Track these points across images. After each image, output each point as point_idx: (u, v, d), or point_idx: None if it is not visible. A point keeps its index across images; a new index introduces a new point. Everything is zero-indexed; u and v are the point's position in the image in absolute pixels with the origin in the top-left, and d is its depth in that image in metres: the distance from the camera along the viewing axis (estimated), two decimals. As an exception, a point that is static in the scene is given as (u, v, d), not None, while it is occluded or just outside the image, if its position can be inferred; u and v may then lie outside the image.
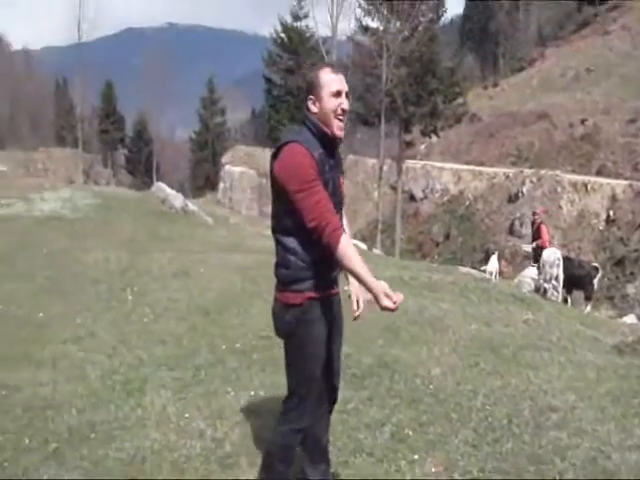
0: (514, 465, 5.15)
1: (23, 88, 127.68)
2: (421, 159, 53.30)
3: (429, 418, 5.93)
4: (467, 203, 43.35)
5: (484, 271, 22.20)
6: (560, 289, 15.71)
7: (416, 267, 15.31)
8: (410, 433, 5.62)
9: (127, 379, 6.65)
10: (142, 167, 67.13)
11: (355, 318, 4.33)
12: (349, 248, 3.79)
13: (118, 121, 69.94)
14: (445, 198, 45.38)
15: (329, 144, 4.04)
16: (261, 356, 7.39)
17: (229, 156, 30.07)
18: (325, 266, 3.97)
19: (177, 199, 18.04)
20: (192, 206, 18.68)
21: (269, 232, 14.47)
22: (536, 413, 6.14)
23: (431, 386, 6.67)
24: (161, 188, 19.41)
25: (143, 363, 7.13)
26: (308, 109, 4.07)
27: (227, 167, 28.54)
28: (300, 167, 3.81)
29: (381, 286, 3.67)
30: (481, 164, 49.65)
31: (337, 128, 4.02)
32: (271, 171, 3.99)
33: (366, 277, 3.71)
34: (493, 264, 25.05)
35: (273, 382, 6.55)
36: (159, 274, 11.37)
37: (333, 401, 4.47)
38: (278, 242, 4.05)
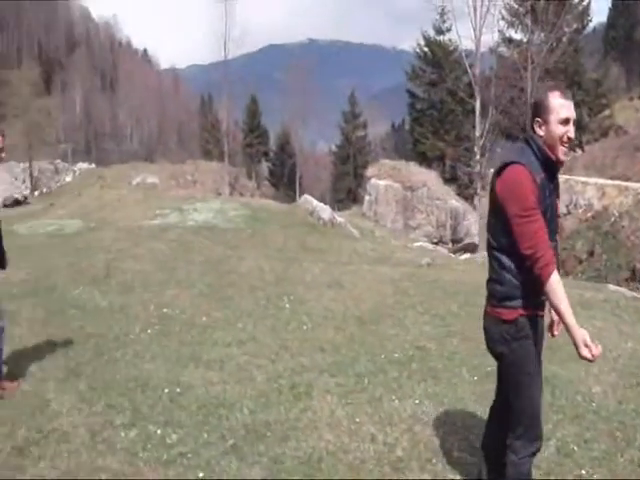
0: (683, 487, 5.04)
1: (170, 104, 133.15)
2: (564, 173, 52.04)
3: (593, 435, 5.85)
4: (612, 219, 41.92)
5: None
6: None
7: (566, 284, 15.01)
8: (575, 449, 5.57)
9: (293, 383, 6.88)
10: (285, 180, 68.45)
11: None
12: (558, 285, 3.79)
13: (262, 135, 71.50)
14: (589, 214, 44.05)
15: (551, 168, 4.01)
16: (420, 366, 7.50)
17: (374, 169, 30.27)
18: (537, 287, 3.94)
19: (325, 211, 18.34)
20: (339, 218, 18.95)
21: (414, 245, 14.55)
22: None
23: (593, 403, 6.58)
24: (308, 200, 19.78)
25: (306, 369, 7.35)
26: (534, 130, 4.04)
27: (372, 180, 28.76)
28: (522, 191, 3.82)
29: (581, 334, 3.68)
30: (627, 179, 48.01)
31: (562, 153, 3.98)
32: (492, 188, 4.04)
33: (569, 320, 3.72)
34: None
35: (435, 392, 6.68)
36: (313, 284, 11.63)
37: None
38: (494, 258, 4.12)
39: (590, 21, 45.26)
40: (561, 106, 3.91)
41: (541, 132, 3.97)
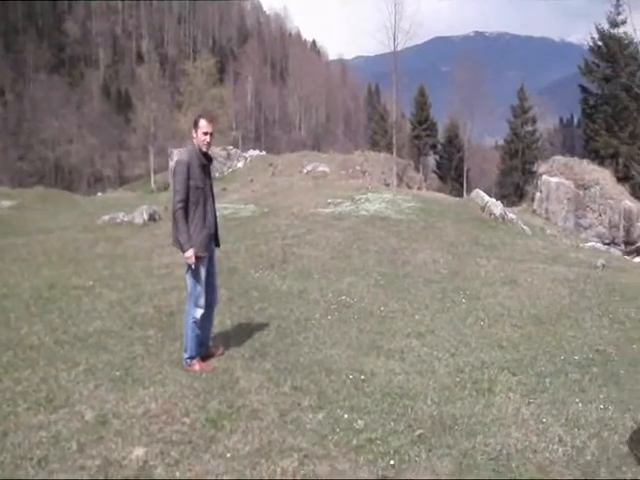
0: None
1: (338, 94, 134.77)
2: None
3: None
4: None
5: None
6: None
7: None
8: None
9: (475, 378, 6.89)
10: (452, 173, 67.89)
11: None
12: None
13: (430, 127, 71.10)
14: None
15: None
16: (601, 370, 7.37)
17: (547, 166, 29.57)
18: None
19: (497, 207, 18.12)
20: (511, 214, 18.68)
21: (586, 245, 14.16)
22: None
23: None
24: (480, 195, 19.62)
25: (486, 365, 7.34)
26: None
27: (544, 177, 28.12)
28: None
29: None
30: None
31: None
32: None
33: None
34: None
35: (619, 398, 6.55)
36: (487, 280, 11.56)
37: None
38: None
39: None
40: None
41: None
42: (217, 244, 7.42)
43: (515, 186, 57.04)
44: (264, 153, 49.97)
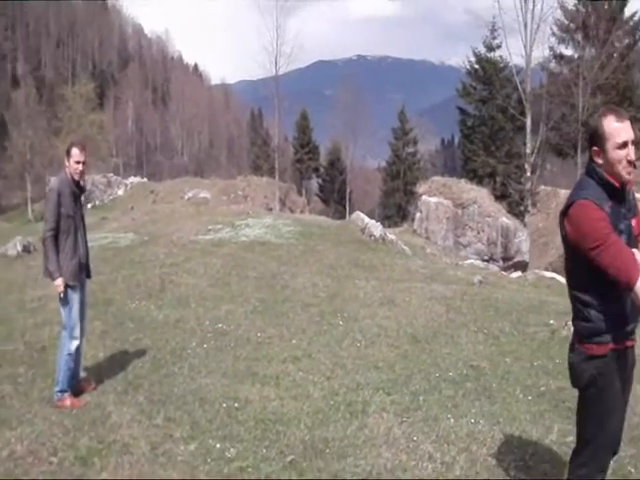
0: None
1: (221, 119, 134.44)
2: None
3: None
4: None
5: None
6: None
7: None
8: (632, 471, 5.54)
9: (349, 400, 6.94)
10: (335, 196, 68.46)
11: None
12: None
13: (312, 151, 71.62)
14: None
15: (618, 193, 3.94)
16: (474, 385, 7.53)
17: (426, 186, 30.19)
18: (624, 318, 3.96)
19: (376, 228, 18.33)
20: (390, 235, 18.94)
21: (465, 263, 14.48)
22: None
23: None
24: (360, 217, 19.82)
25: (361, 386, 7.40)
26: (592, 160, 3.98)
27: (424, 197, 28.68)
28: (592, 223, 3.77)
29: None
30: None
31: (625, 174, 3.89)
32: (562, 229, 3.99)
33: None
34: None
35: (490, 411, 6.69)
36: (366, 301, 11.66)
37: (614, 452, 4.35)
38: (575, 298, 4.07)
39: (642, 36, 44.58)
40: (617, 130, 3.84)
41: (600, 160, 3.91)
42: (88, 275, 7.31)
43: (397, 207, 58.01)
44: (145, 180, 49.52)
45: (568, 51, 42.18)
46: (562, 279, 22.32)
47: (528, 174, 37.26)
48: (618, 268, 3.70)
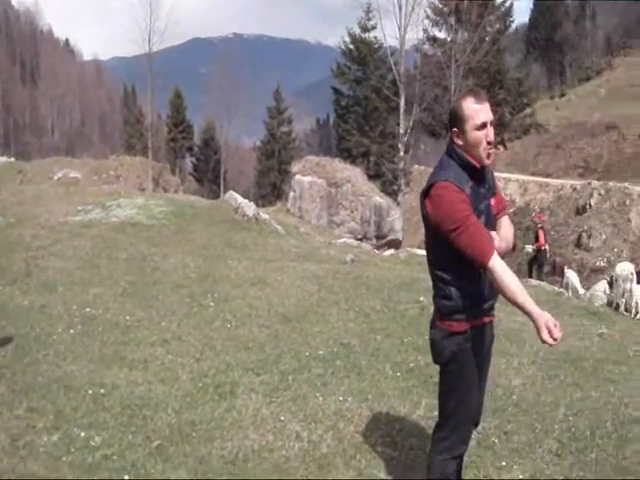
0: (599, 475, 5.25)
1: (93, 97, 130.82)
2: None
3: (513, 427, 6.06)
4: (533, 215, 42.95)
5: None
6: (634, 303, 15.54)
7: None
8: (496, 441, 5.77)
9: (218, 382, 6.89)
10: (210, 175, 67.98)
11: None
12: (503, 272, 3.76)
13: (186, 130, 70.84)
14: (511, 210, 45.02)
15: (478, 174, 4.01)
16: (344, 363, 7.62)
17: (300, 166, 30.25)
18: (482, 296, 4.05)
19: (249, 208, 18.25)
20: (264, 215, 18.90)
21: (339, 242, 14.62)
22: (618, 425, 6.19)
23: (513, 396, 6.79)
24: (233, 196, 19.67)
25: (231, 367, 7.37)
26: (453, 141, 4.03)
27: (297, 177, 28.71)
28: (452, 206, 3.82)
29: (543, 319, 3.60)
30: (548, 176, 49.25)
31: (485, 156, 3.96)
32: (422, 209, 4.02)
33: (525, 304, 3.68)
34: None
35: (359, 388, 6.81)
36: (237, 281, 11.61)
37: (476, 424, 4.46)
38: (436, 276, 4.12)
39: (512, 21, 46.15)
40: (475, 112, 3.89)
41: (460, 141, 3.97)
42: None
43: (272, 186, 58.12)
44: (13, 160, 47.64)
45: (441, 34, 43.21)
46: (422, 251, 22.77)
47: (401, 154, 37.97)
48: (474, 248, 3.78)
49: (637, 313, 15.56)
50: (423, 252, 18.42)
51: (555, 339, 3.56)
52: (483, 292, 4.05)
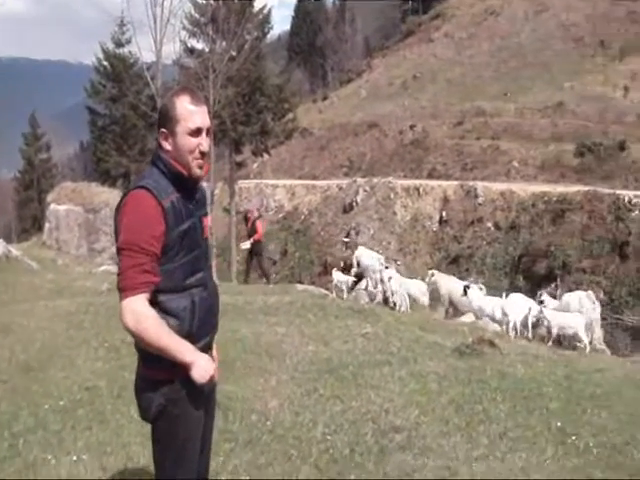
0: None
1: None
2: (254, 178, 53.30)
3: (267, 459, 5.66)
4: (302, 217, 43.70)
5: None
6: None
7: (252, 291, 14.88)
8: (247, 478, 5.30)
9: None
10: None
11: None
12: (145, 320, 3.19)
13: None
14: (280, 215, 45.58)
15: (187, 185, 3.37)
16: (87, 411, 6.85)
17: (54, 194, 28.98)
18: (191, 334, 3.33)
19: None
20: (15, 251, 17.68)
21: (99, 270, 13.62)
22: (379, 436, 6.04)
23: (268, 422, 6.42)
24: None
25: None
26: (160, 144, 3.38)
27: (52, 206, 27.42)
28: (135, 221, 3.19)
29: (199, 370, 3.18)
30: (314, 178, 50.29)
31: (197, 168, 3.34)
32: (116, 225, 3.32)
33: (178, 355, 3.18)
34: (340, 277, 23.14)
35: (99, 440, 6.09)
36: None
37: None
38: None
39: (271, 29, 46.22)
40: (191, 114, 3.28)
41: (168, 146, 3.32)
42: None
43: (33, 219, 55.42)
44: None
45: (200, 45, 42.81)
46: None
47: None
48: (120, 282, 3.21)
49: (400, 307, 15.97)
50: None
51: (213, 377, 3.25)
52: (191, 329, 3.35)
